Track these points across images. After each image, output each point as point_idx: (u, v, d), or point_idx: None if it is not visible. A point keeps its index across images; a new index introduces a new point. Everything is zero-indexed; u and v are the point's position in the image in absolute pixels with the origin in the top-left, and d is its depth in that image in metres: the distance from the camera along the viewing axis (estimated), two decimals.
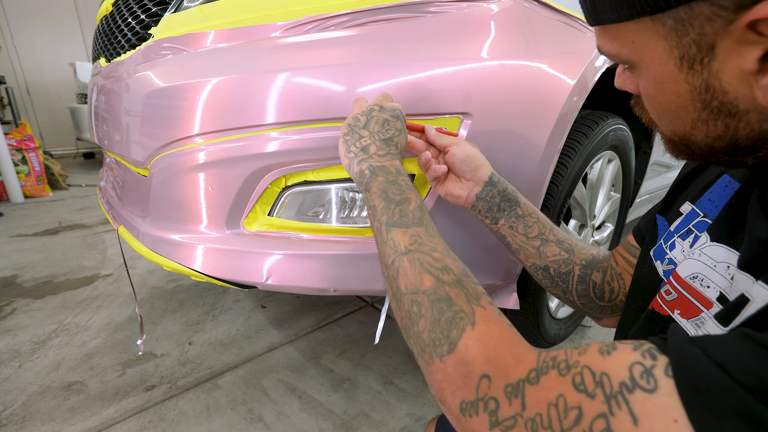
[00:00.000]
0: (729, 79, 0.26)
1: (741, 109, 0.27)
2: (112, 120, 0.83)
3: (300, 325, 1.36)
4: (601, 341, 0.27)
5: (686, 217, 0.41)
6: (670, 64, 0.28)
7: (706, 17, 0.25)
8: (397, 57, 0.65)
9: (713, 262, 0.33)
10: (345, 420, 0.96)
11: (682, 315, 0.34)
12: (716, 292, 0.32)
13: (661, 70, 0.29)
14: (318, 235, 0.71)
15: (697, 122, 0.30)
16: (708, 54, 0.26)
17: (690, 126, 0.30)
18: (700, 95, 0.28)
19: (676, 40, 0.27)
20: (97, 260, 1.88)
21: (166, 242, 0.72)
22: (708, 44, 0.26)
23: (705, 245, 0.35)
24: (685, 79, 0.28)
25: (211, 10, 0.69)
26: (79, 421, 0.95)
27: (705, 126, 0.29)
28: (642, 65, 0.31)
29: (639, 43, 0.29)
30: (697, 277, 0.34)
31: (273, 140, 0.64)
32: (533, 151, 0.75)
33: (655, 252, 0.43)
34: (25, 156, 3.01)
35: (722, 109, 0.28)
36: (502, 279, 0.84)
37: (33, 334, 1.29)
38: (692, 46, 0.27)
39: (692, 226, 0.39)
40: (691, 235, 0.38)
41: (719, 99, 0.27)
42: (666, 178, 1.75)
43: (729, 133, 0.29)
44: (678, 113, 0.31)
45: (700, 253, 0.35)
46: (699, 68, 0.27)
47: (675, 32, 0.27)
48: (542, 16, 0.76)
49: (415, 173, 0.69)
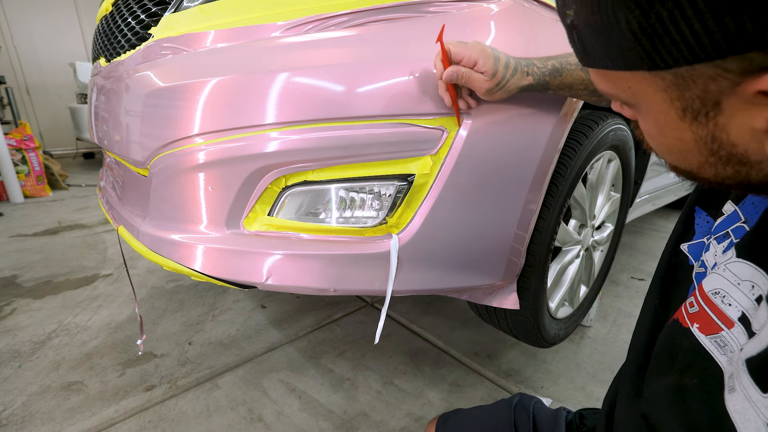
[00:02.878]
0: (738, 134, 0.24)
1: (753, 160, 0.25)
2: (112, 120, 0.83)
3: (300, 325, 1.36)
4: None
5: (727, 218, 0.37)
6: (672, 113, 0.26)
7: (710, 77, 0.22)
8: (398, 57, 0.65)
9: (737, 279, 0.30)
10: (345, 420, 0.96)
11: (701, 330, 0.32)
12: (738, 312, 0.30)
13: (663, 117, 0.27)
14: (318, 235, 0.71)
15: (705, 164, 0.27)
16: (714, 109, 0.24)
17: (696, 166, 0.28)
18: (707, 144, 0.26)
19: (678, 93, 0.24)
20: (97, 260, 1.88)
21: (166, 242, 0.72)
22: (713, 101, 0.23)
23: (730, 261, 0.32)
24: (689, 128, 0.26)
25: (211, 10, 0.69)
26: (79, 421, 0.95)
27: (713, 168, 0.27)
28: (642, 108, 0.28)
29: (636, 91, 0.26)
30: (719, 293, 0.31)
31: (273, 140, 0.64)
32: (533, 151, 0.75)
33: (691, 249, 0.40)
34: (25, 156, 3.01)
35: (731, 158, 0.26)
36: (502, 279, 0.84)
37: (33, 334, 1.29)
38: (696, 101, 0.24)
39: (731, 231, 0.35)
40: (727, 240, 0.35)
41: (727, 150, 0.25)
42: (666, 178, 1.74)
43: (740, 176, 0.27)
44: (682, 154, 0.28)
45: (725, 268, 0.32)
46: (704, 121, 0.25)
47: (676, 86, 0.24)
48: (542, 16, 0.76)
49: (415, 173, 0.69)
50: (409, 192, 0.70)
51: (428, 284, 0.76)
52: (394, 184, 0.70)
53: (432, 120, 0.66)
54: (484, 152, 0.71)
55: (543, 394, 1.08)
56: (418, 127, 0.66)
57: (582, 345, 1.30)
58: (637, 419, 0.38)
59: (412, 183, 0.69)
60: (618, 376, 0.50)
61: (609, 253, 1.30)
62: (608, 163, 1.09)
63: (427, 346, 1.26)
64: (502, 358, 1.21)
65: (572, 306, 1.19)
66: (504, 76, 0.61)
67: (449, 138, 0.68)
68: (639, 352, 0.42)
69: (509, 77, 0.61)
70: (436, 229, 0.72)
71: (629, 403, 0.42)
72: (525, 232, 0.82)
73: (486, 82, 0.61)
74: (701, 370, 0.31)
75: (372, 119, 0.64)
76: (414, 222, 0.71)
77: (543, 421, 0.57)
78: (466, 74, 0.60)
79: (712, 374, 0.30)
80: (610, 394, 0.50)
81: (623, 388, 0.44)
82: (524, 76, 0.62)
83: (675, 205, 2.75)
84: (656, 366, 0.37)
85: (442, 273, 0.77)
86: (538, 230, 0.86)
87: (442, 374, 1.14)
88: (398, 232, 0.71)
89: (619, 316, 1.48)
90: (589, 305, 1.29)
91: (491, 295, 0.91)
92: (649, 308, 0.44)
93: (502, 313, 1.00)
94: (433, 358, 1.21)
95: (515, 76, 0.62)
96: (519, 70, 0.62)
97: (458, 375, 1.13)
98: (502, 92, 0.63)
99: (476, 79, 0.61)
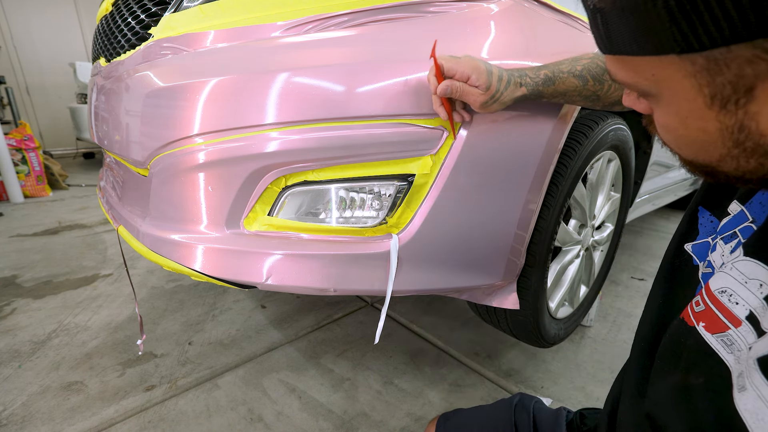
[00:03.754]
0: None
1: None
2: (112, 120, 0.83)
3: (300, 325, 1.36)
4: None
5: (734, 218, 0.36)
6: (699, 101, 0.25)
7: (747, 59, 0.21)
8: (397, 57, 0.65)
9: (744, 278, 0.30)
10: (345, 420, 0.96)
11: (707, 329, 0.32)
12: (746, 310, 0.29)
13: (688, 105, 0.26)
14: (318, 235, 0.71)
15: (726, 157, 0.27)
16: (746, 95, 0.23)
17: (717, 159, 0.28)
18: (732, 135, 0.25)
19: (708, 79, 0.23)
20: (97, 260, 1.88)
21: (166, 242, 0.72)
22: (746, 86, 0.23)
23: (737, 259, 0.32)
24: (715, 117, 0.25)
25: (211, 10, 0.69)
26: (79, 421, 0.95)
27: (735, 161, 0.27)
28: (663, 98, 0.27)
29: (661, 78, 0.25)
30: (726, 292, 0.31)
31: (273, 140, 0.64)
32: (533, 151, 0.75)
33: (695, 249, 0.40)
34: (25, 156, 3.01)
35: (757, 150, 0.25)
36: (502, 279, 0.84)
37: (33, 334, 1.29)
38: (727, 87, 0.23)
39: (738, 231, 0.35)
40: (735, 240, 0.35)
41: (754, 140, 0.25)
42: (666, 178, 1.74)
43: (763, 170, 0.26)
44: (703, 147, 0.27)
45: (732, 267, 0.32)
46: (734, 108, 0.24)
47: (707, 71, 0.23)
48: (542, 16, 0.76)
49: (415, 173, 0.69)
50: (409, 192, 0.70)
51: (428, 284, 0.76)
52: (394, 184, 0.70)
53: (432, 120, 0.66)
54: (484, 152, 0.71)
55: (543, 394, 1.08)
56: (418, 127, 0.66)
57: (582, 345, 1.30)
58: (641, 419, 0.38)
59: (412, 183, 0.69)
60: (620, 375, 0.50)
61: (609, 253, 1.30)
62: (608, 163, 1.09)
63: (427, 346, 1.26)
64: (502, 358, 1.21)
65: (572, 306, 1.19)
66: (498, 89, 0.61)
67: (449, 138, 0.68)
68: (643, 351, 0.42)
69: (503, 90, 0.62)
70: (436, 229, 0.72)
71: (633, 403, 0.42)
72: (525, 232, 0.82)
73: (480, 95, 0.61)
74: (707, 369, 0.31)
75: (372, 119, 0.64)
76: (414, 222, 0.71)
77: (543, 420, 0.57)
78: (460, 88, 0.60)
79: (719, 373, 0.30)
80: (612, 393, 0.50)
81: (626, 387, 0.44)
82: (517, 87, 0.63)
83: (675, 205, 2.75)
84: (661, 365, 0.37)
85: (442, 273, 0.77)
86: (538, 230, 0.86)
87: (442, 374, 1.14)
88: (398, 232, 0.71)
89: (619, 316, 1.48)
90: (589, 305, 1.29)
91: (491, 295, 0.91)
92: (652, 308, 0.44)
93: (502, 313, 1.00)
94: (433, 358, 1.21)
95: (509, 88, 0.62)
96: (512, 82, 0.62)
97: (458, 375, 1.13)
98: (497, 104, 0.63)
99: (471, 93, 0.61)
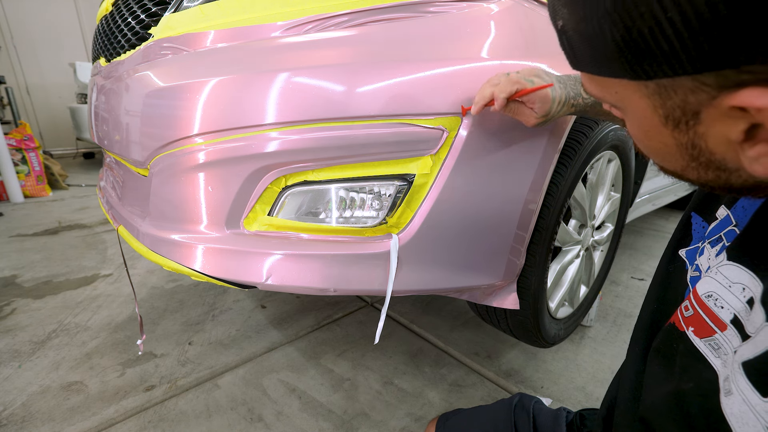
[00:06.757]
0: (715, 143, 0.25)
1: (731, 167, 0.26)
2: (112, 120, 0.83)
3: (300, 325, 1.36)
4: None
5: (720, 222, 0.38)
6: (655, 119, 0.27)
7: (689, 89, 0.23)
8: (397, 57, 0.65)
9: (728, 282, 0.31)
10: (345, 420, 0.96)
11: (696, 333, 0.33)
12: (730, 314, 0.30)
13: (648, 122, 0.28)
14: (318, 235, 0.71)
15: (687, 168, 0.29)
16: (693, 118, 0.25)
17: (680, 168, 0.30)
18: (687, 150, 0.27)
19: (660, 101, 0.25)
20: (97, 260, 1.88)
21: (166, 242, 0.72)
22: (692, 111, 0.24)
23: (722, 264, 0.33)
24: (671, 134, 0.27)
25: (211, 10, 0.69)
26: (79, 421, 0.95)
27: (695, 172, 0.29)
28: (627, 112, 0.29)
29: (623, 96, 0.28)
30: (711, 296, 0.32)
31: (273, 140, 0.64)
32: (533, 151, 0.75)
33: (688, 254, 0.41)
34: (25, 156, 3.01)
35: (711, 164, 0.27)
36: (502, 279, 0.84)
37: (33, 334, 1.29)
38: (677, 110, 0.25)
39: (723, 234, 0.36)
40: (720, 244, 0.36)
41: (707, 157, 0.27)
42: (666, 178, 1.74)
43: (721, 181, 0.28)
44: (666, 157, 0.30)
45: (717, 271, 0.33)
46: (685, 128, 0.26)
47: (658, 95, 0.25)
48: (542, 16, 0.76)
49: (415, 173, 0.69)
50: (409, 192, 0.70)
51: (428, 284, 0.76)
52: (394, 184, 0.70)
53: (432, 120, 0.66)
54: (484, 152, 0.71)
55: (543, 394, 1.08)
56: (417, 127, 0.66)
57: (582, 345, 1.29)
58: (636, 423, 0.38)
59: (412, 183, 0.69)
60: (616, 379, 0.50)
61: (609, 253, 1.30)
62: (608, 163, 1.09)
63: (427, 346, 1.26)
64: (502, 358, 1.21)
65: (572, 306, 1.19)
66: (552, 114, 0.62)
67: (449, 138, 0.68)
68: (637, 356, 0.43)
69: (556, 112, 0.62)
70: (436, 229, 0.72)
71: (628, 407, 0.42)
72: (525, 232, 0.82)
73: (534, 119, 0.62)
74: (697, 374, 0.31)
75: (372, 119, 0.64)
76: (414, 222, 0.71)
77: (543, 421, 0.57)
78: (515, 109, 0.62)
79: (708, 377, 0.30)
80: (607, 397, 0.50)
81: (622, 392, 0.44)
82: (569, 108, 0.63)
83: (675, 205, 2.75)
84: (654, 370, 0.37)
85: (442, 273, 0.77)
86: (538, 230, 0.86)
87: (442, 374, 1.14)
88: (398, 232, 0.71)
89: (619, 316, 1.48)
90: (589, 305, 1.29)
91: (491, 295, 0.91)
92: (647, 313, 0.44)
93: (502, 313, 1.00)
94: (433, 358, 1.21)
95: (562, 110, 0.63)
96: (566, 104, 0.63)
97: (458, 375, 1.13)
98: (544, 124, 0.64)
99: (525, 114, 0.62)
